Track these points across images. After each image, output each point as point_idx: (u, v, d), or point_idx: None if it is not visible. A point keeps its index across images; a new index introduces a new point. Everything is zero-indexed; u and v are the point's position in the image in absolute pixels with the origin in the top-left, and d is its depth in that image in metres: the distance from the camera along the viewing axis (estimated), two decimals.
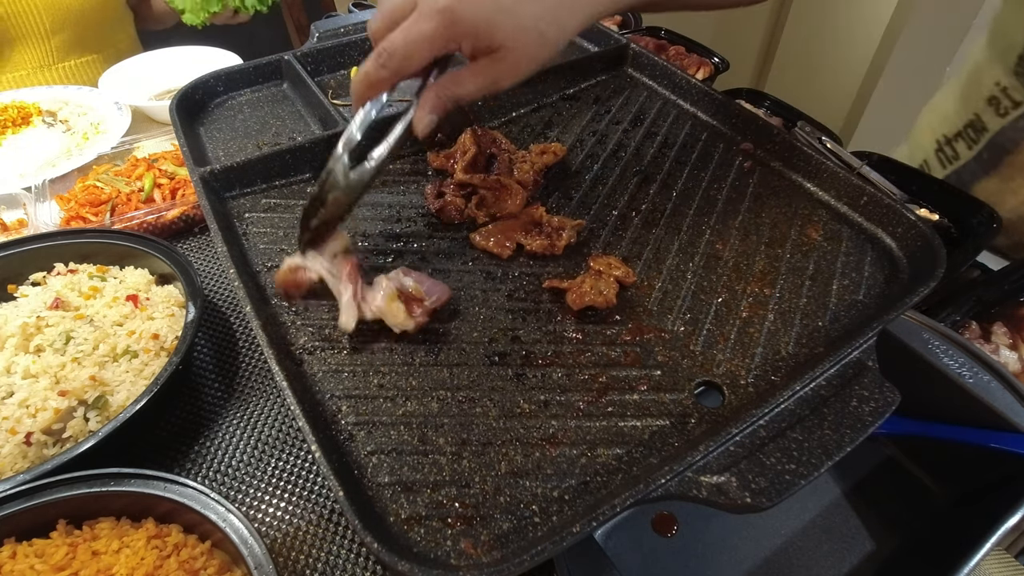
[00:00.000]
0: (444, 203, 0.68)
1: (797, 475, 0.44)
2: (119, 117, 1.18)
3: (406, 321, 0.54)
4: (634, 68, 0.90)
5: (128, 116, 1.18)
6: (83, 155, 1.08)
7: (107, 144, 1.10)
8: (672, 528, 0.61)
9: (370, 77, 0.51)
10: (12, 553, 0.50)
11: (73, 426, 0.62)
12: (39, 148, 1.12)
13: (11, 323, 0.68)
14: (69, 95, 1.27)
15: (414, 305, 0.55)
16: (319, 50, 0.90)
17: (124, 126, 1.15)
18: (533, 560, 0.38)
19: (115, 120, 1.18)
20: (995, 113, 0.91)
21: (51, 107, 1.24)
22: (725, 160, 0.75)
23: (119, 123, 1.17)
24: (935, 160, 1.05)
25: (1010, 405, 0.59)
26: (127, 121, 1.17)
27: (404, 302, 0.55)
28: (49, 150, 1.12)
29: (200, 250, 0.95)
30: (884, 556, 0.59)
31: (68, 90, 1.29)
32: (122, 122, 1.16)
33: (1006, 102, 0.89)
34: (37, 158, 1.10)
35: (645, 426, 0.49)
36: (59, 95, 1.27)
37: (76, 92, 1.27)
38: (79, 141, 1.15)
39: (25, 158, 1.10)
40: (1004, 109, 0.90)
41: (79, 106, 1.24)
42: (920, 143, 1.10)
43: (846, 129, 2.38)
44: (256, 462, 0.67)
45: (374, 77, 0.51)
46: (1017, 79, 0.87)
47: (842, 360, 0.50)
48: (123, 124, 1.16)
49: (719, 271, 0.62)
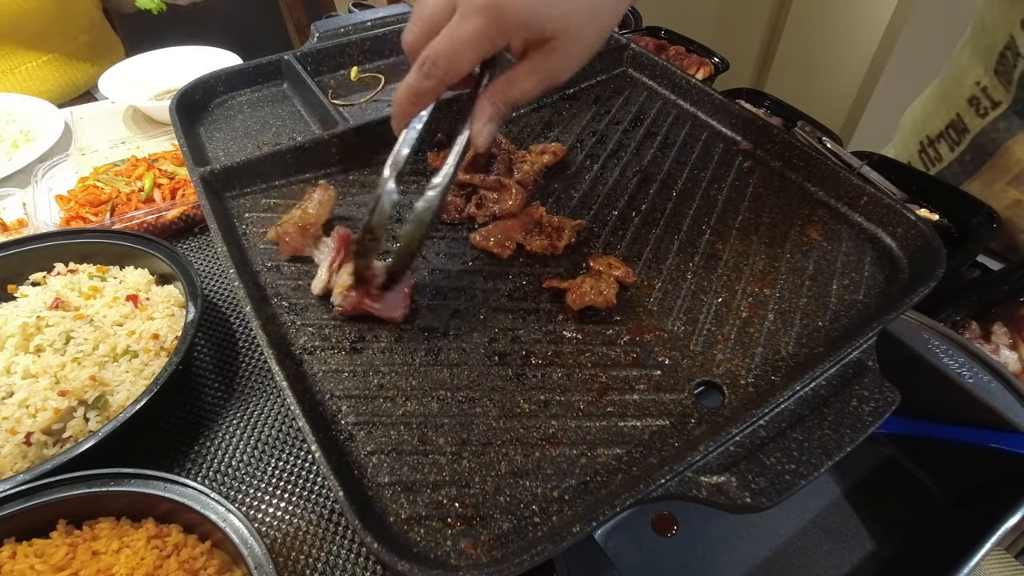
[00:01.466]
0: (444, 203, 0.67)
1: (797, 475, 0.44)
2: (51, 123, 1.16)
3: (344, 295, 0.55)
4: (634, 68, 0.90)
5: (61, 122, 1.16)
6: (12, 162, 1.06)
7: (38, 151, 1.08)
8: (672, 528, 0.61)
9: (414, 89, 0.48)
10: (12, 553, 0.50)
11: (73, 426, 0.62)
12: None
13: (11, 323, 0.68)
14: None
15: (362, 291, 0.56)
16: (319, 50, 0.90)
17: (57, 133, 1.14)
18: (533, 560, 0.38)
19: (46, 126, 1.16)
20: (976, 114, 0.91)
21: None
22: (725, 160, 0.75)
23: (51, 129, 1.15)
24: (919, 162, 1.04)
25: (1010, 405, 0.59)
26: (60, 127, 1.15)
27: (357, 282, 0.55)
28: None
29: (200, 250, 0.95)
30: (884, 556, 0.59)
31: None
32: (54, 128, 1.15)
33: (986, 102, 0.89)
34: None
35: (645, 426, 0.50)
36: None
37: (5, 99, 1.25)
38: (8, 149, 1.13)
39: None
40: (984, 109, 0.89)
41: (7, 113, 1.22)
42: (905, 144, 1.09)
43: (846, 129, 2.38)
44: (256, 462, 0.67)
45: (419, 88, 0.48)
46: (997, 78, 0.87)
47: (842, 360, 0.50)
48: (55, 131, 1.14)
49: (719, 271, 0.62)
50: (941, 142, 0.99)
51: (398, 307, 0.57)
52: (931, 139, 1.01)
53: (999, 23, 0.85)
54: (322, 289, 0.58)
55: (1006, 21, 0.84)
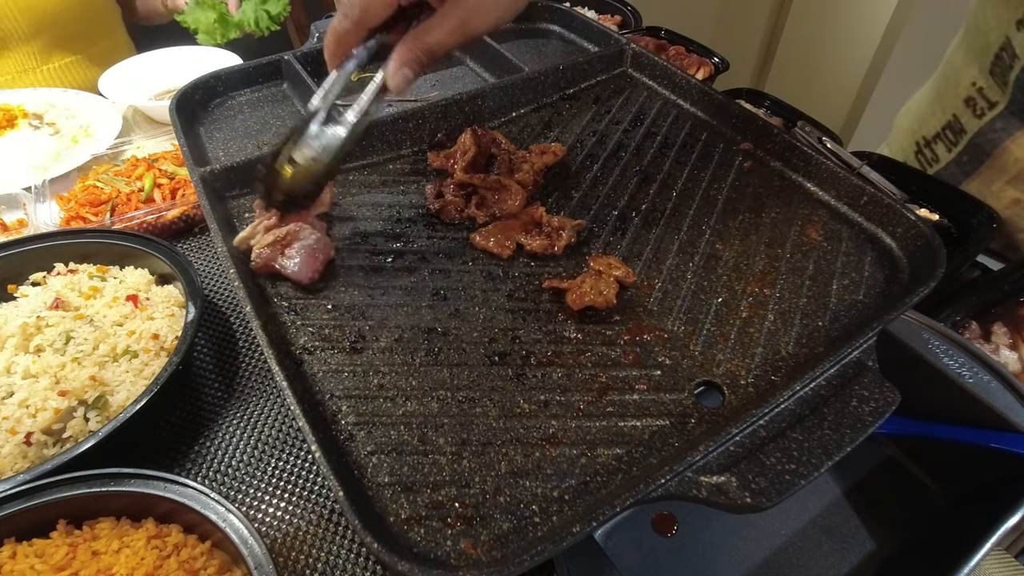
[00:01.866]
0: (444, 203, 0.68)
1: (797, 475, 0.44)
2: (109, 119, 1.17)
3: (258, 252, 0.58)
4: (634, 68, 0.90)
5: (119, 118, 1.17)
6: (72, 158, 1.07)
7: (97, 147, 1.09)
8: (672, 528, 0.61)
9: (335, 29, 0.52)
10: (12, 553, 0.50)
11: (73, 426, 0.62)
12: (25, 151, 1.11)
13: (11, 323, 0.68)
14: (55, 98, 1.26)
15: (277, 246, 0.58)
16: (319, 50, 0.89)
17: (115, 129, 1.14)
18: (533, 560, 0.38)
19: (105, 123, 1.17)
20: (972, 114, 0.91)
21: (37, 109, 1.22)
22: (725, 160, 0.75)
23: (109, 126, 1.16)
24: (915, 163, 1.05)
25: (1010, 405, 0.59)
26: (118, 124, 1.16)
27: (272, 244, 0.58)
28: (36, 153, 1.10)
29: (200, 250, 0.95)
30: (884, 556, 0.59)
31: (54, 92, 1.27)
32: (113, 125, 1.15)
33: (982, 103, 0.89)
34: (24, 161, 1.08)
35: (645, 426, 0.49)
36: (45, 97, 1.26)
37: (63, 95, 1.26)
38: (68, 144, 1.14)
39: (11, 161, 1.09)
40: (980, 110, 0.89)
41: (67, 108, 1.23)
42: (900, 145, 1.09)
43: (846, 129, 2.38)
44: (256, 462, 0.67)
45: (339, 29, 0.52)
46: (992, 79, 0.87)
47: (842, 360, 0.50)
48: (114, 127, 1.15)
49: (719, 271, 0.62)
50: (938, 143, 0.99)
51: (307, 271, 0.58)
52: (927, 140, 1.01)
53: (992, 24, 0.86)
54: (240, 240, 0.60)
55: (1000, 23, 0.84)
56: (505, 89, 0.82)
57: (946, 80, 0.98)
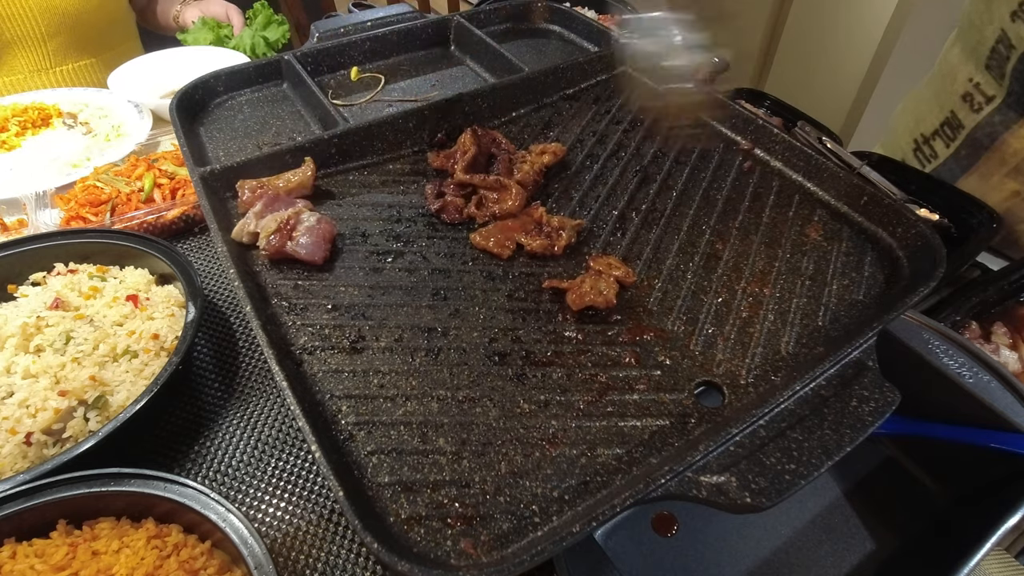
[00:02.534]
0: (444, 203, 0.68)
1: (797, 475, 0.44)
2: (140, 120, 1.19)
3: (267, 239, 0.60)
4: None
5: (149, 119, 1.18)
6: (105, 156, 1.08)
7: (129, 146, 1.10)
8: (672, 528, 0.61)
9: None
10: (12, 553, 0.50)
11: (73, 426, 0.62)
12: (59, 149, 1.12)
13: (11, 323, 0.68)
14: (88, 97, 1.27)
15: (284, 231, 0.60)
16: (319, 50, 0.89)
17: (146, 129, 1.16)
18: (533, 560, 0.38)
19: (136, 123, 1.19)
20: (970, 110, 0.92)
21: (71, 109, 1.24)
22: (725, 160, 0.75)
23: (140, 126, 1.17)
24: (913, 160, 1.05)
25: (1010, 405, 0.59)
26: (148, 124, 1.17)
27: (279, 230, 0.60)
28: (70, 152, 1.12)
29: (200, 250, 0.95)
30: (884, 556, 0.59)
31: (87, 92, 1.28)
32: (143, 125, 1.17)
33: (979, 98, 0.90)
34: (59, 159, 1.10)
35: (645, 426, 0.49)
36: (79, 97, 1.27)
37: (96, 94, 1.27)
38: (101, 143, 1.15)
39: (46, 159, 1.10)
40: (978, 105, 0.90)
41: (99, 108, 1.24)
42: (897, 144, 1.10)
43: (846, 129, 2.38)
44: (256, 462, 0.67)
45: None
46: (989, 74, 0.87)
47: (842, 360, 0.50)
48: (145, 127, 1.16)
49: (719, 271, 0.62)
50: (936, 139, 0.99)
51: (318, 251, 0.60)
52: (926, 137, 1.02)
53: (986, 19, 0.86)
54: (237, 232, 0.61)
55: (994, 16, 0.85)
56: (505, 89, 0.82)
57: (943, 78, 0.98)
